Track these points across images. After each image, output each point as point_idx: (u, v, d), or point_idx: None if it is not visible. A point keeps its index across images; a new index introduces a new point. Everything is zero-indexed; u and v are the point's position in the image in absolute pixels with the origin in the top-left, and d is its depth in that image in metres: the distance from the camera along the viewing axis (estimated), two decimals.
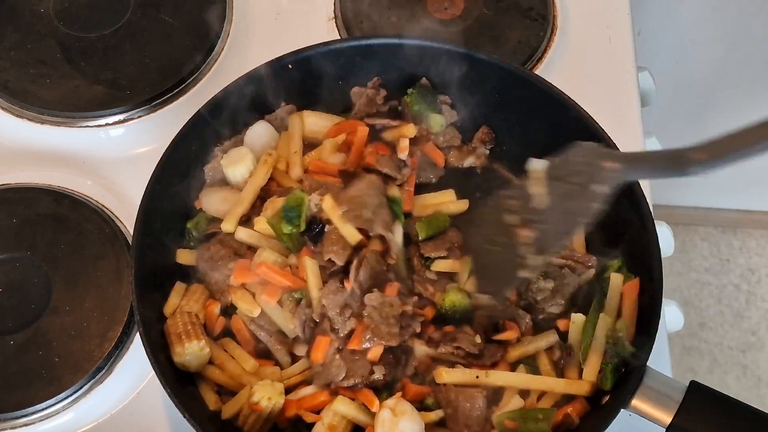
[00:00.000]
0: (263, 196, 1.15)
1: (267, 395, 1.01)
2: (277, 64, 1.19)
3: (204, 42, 1.39)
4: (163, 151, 1.12)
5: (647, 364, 1.00)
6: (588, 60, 1.42)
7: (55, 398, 1.11)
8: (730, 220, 2.70)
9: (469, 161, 1.25)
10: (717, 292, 2.62)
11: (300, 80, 1.22)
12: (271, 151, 1.17)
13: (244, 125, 1.21)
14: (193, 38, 1.39)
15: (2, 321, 1.15)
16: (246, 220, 1.14)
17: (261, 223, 1.11)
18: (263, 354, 1.10)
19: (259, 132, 1.20)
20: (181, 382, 1.04)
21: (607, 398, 1.03)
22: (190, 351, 1.04)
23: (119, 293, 1.17)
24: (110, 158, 1.32)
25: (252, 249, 1.13)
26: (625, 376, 1.02)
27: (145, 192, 1.09)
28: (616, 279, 1.10)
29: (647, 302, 1.06)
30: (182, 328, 1.05)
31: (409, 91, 1.23)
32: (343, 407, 1.03)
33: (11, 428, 1.11)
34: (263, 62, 1.18)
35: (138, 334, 1.15)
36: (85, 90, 1.34)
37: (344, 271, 1.09)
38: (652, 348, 1.01)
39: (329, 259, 1.09)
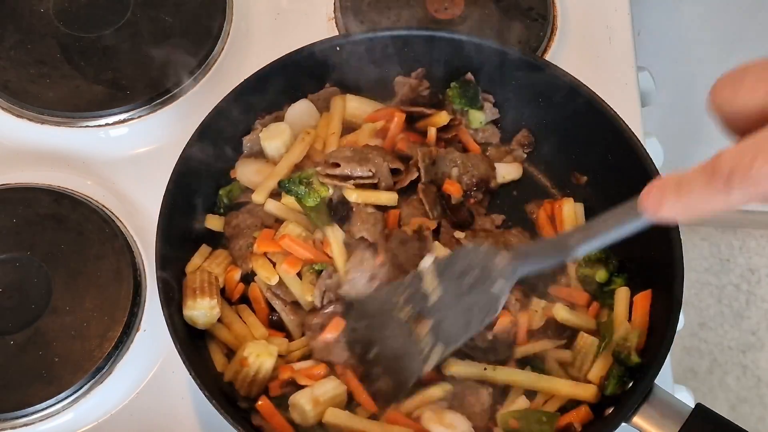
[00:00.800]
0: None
1: (256, 352, 1.03)
2: (324, 46, 1.20)
3: (204, 42, 1.39)
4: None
5: (655, 381, 1.00)
6: (588, 60, 1.42)
7: (55, 398, 1.11)
8: (730, 220, 2.70)
9: (506, 161, 1.25)
10: (717, 292, 2.62)
11: (346, 65, 1.23)
12: (309, 130, 1.20)
13: (286, 102, 1.23)
14: (193, 38, 1.39)
15: (2, 321, 1.15)
16: (277, 194, 1.16)
17: (289, 197, 1.14)
18: (276, 326, 1.12)
19: (301, 110, 1.22)
20: (191, 342, 1.06)
21: (610, 411, 1.02)
22: (201, 307, 1.06)
23: (119, 293, 1.17)
24: (111, 158, 1.31)
25: (279, 222, 1.15)
26: (631, 391, 1.01)
27: (182, 151, 1.11)
28: (622, 293, 1.11)
29: (661, 318, 1.05)
30: (199, 285, 1.08)
31: (452, 84, 1.23)
32: (333, 389, 1.04)
33: (11, 428, 1.11)
34: (284, 54, 1.20)
35: (137, 333, 1.16)
36: (85, 90, 1.34)
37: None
38: (660, 367, 1.00)
39: (361, 237, 1.10)
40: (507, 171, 1.24)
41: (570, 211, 1.19)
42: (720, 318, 2.59)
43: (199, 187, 1.16)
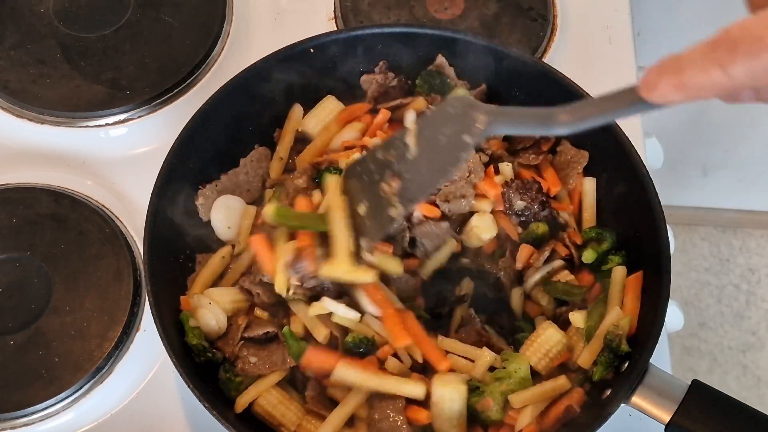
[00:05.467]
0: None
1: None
2: (296, 50, 1.19)
3: (204, 42, 1.39)
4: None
5: (650, 361, 1.00)
6: (588, 60, 1.42)
7: (55, 398, 1.11)
8: (730, 220, 2.70)
9: None
10: (717, 292, 2.62)
11: (314, 69, 1.22)
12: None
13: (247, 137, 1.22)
14: (193, 38, 1.39)
15: (2, 321, 1.15)
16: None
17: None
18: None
19: (226, 207, 1.18)
20: (190, 360, 1.06)
21: (608, 393, 1.03)
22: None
23: (119, 293, 1.17)
24: (110, 158, 1.32)
25: None
26: (627, 372, 1.02)
27: (164, 161, 1.10)
28: (618, 272, 1.11)
29: (652, 300, 1.06)
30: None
31: (418, 82, 1.24)
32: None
33: (11, 428, 1.11)
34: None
35: (137, 333, 1.16)
36: (85, 90, 1.34)
37: None
38: (654, 346, 1.01)
39: None
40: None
41: (590, 187, 1.19)
42: (720, 318, 2.59)
43: (182, 203, 1.15)
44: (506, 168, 1.17)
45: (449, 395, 1.03)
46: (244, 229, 1.16)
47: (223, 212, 1.16)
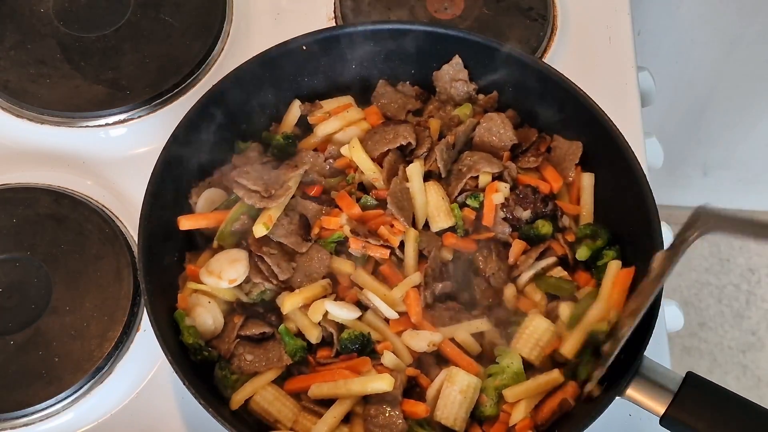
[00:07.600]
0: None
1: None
2: (290, 46, 1.20)
3: (204, 42, 1.39)
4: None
5: (645, 354, 1.00)
6: (588, 60, 1.42)
7: (55, 398, 1.11)
8: None
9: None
10: (717, 292, 2.62)
11: (321, 62, 1.23)
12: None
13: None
14: (193, 38, 1.39)
15: (2, 321, 1.15)
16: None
17: None
18: None
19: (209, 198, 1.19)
20: (183, 353, 1.06)
21: (603, 386, 1.03)
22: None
23: (119, 293, 1.17)
24: (110, 158, 1.32)
25: None
26: (622, 365, 1.01)
27: (158, 158, 1.11)
28: (613, 266, 1.11)
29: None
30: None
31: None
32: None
33: (11, 428, 1.11)
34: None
35: (137, 333, 1.16)
36: (85, 90, 1.34)
37: None
38: (649, 338, 1.00)
39: None
40: None
41: (589, 183, 1.19)
42: (720, 318, 2.59)
43: (178, 191, 1.16)
44: (503, 188, 1.17)
45: (461, 387, 1.03)
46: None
47: (207, 207, 1.16)
